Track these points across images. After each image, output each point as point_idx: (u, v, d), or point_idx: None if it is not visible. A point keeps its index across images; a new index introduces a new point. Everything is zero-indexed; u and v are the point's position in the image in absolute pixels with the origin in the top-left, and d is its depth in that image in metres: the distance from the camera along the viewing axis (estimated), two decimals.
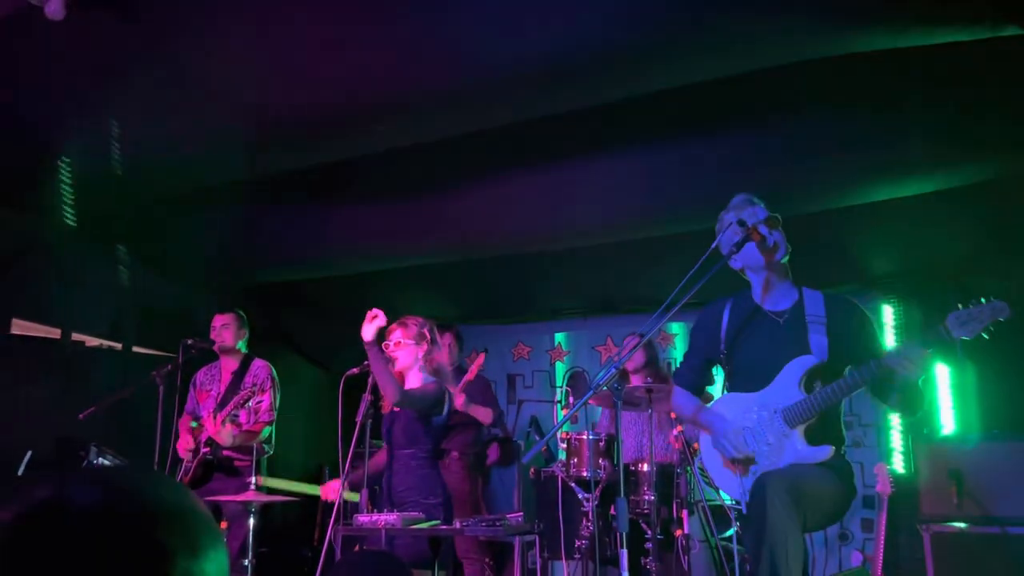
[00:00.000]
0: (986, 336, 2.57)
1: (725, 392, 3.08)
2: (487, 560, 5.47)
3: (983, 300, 2.56)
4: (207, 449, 4.69)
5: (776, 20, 3.00)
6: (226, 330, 4.96)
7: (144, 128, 4.20)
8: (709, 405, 3.12)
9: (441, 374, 4.09)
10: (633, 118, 4.35)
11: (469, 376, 5.61)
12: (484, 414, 5.67)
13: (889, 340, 6.03)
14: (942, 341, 2.60)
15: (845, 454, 2.97)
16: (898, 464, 5.88)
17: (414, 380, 4.08)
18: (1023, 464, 4.78)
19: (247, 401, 4.63)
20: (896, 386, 2.75)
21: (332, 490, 4.14)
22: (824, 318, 2.87)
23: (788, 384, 2.84)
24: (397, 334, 4.10)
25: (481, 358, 5.77)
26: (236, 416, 4.69)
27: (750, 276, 3.05)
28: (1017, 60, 3.35)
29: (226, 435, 4.61)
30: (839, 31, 3.02)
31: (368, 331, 3.77)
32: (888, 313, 6.13)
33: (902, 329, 6.07)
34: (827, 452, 2.78)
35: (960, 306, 2.58)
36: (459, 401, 5.29)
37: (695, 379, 3.22)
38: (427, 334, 4.13)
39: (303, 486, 4.74)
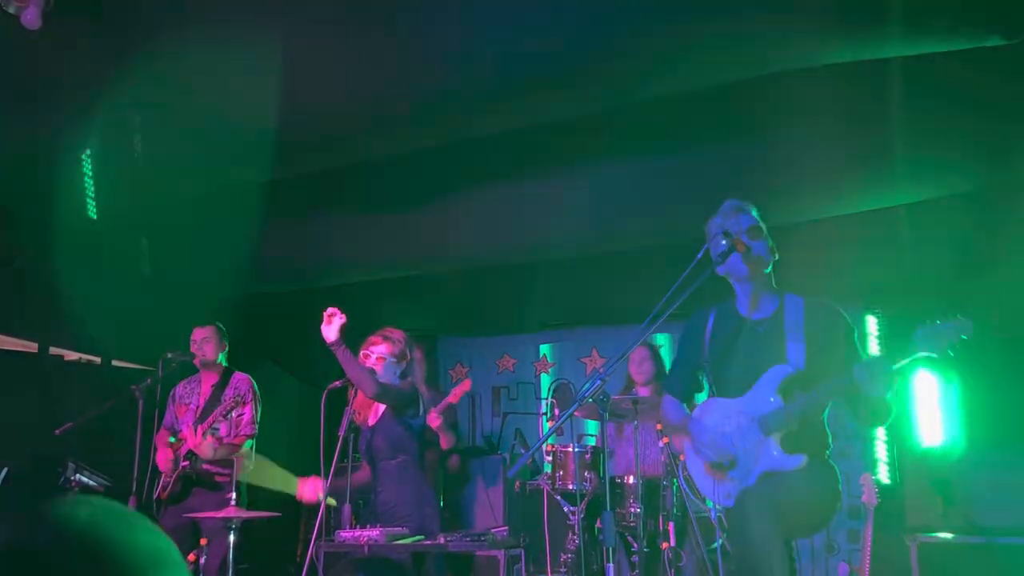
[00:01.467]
0: (951, 353, 2.56)
1: (709, 397, 3.09)
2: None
3: (950, 317, 2.56)
4: (186, 463, 4.62)
5: (758, 30, 3.00)
6: (207, 344, 4.90)
7: (124, 140, 4.15)
8: (692, 410, 3.13)
9: (415, 386, 4.07)
10: (615, 129, 4.35)
11: (452, 399, 5.56)
12: (448, 440, 5.65)
13: (873, 349, 6.04)
14: (909, 356, 2.60)
15: (829, 458, 2.93)
16: (883, 475, 5.87)
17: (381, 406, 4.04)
18: (1008, 474, 4.80)
19: (229, 413, 4.57)
20: (863, 399, 2.75)
21: (310, 489, 4.06)
22: (803, 326, 2.87)
23: (765, 392, 2.85)
24: (381, 348, 4.05)
25: (467, 384, 5.73)
26: (216, 429, 4.62)
27: (734, 284, 3.06)
28: (1001, 70, 3.36)
29: (207, 447, 4.54)
30: (821, 41, 3.03)
31: (330, 332, 3.71)
32: (872, 323, 6.15)
33: (886, 339, 6.08)
34: (800, 461, 2.77)
35: (935, 321, 2.58)
36: (435, 423, 5.25)
37: (683, 386, 3.24)
38: (408, 352, 4.10)
39: (281, 479, 4.57)
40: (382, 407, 4.03)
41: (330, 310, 3.74)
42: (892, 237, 5.24)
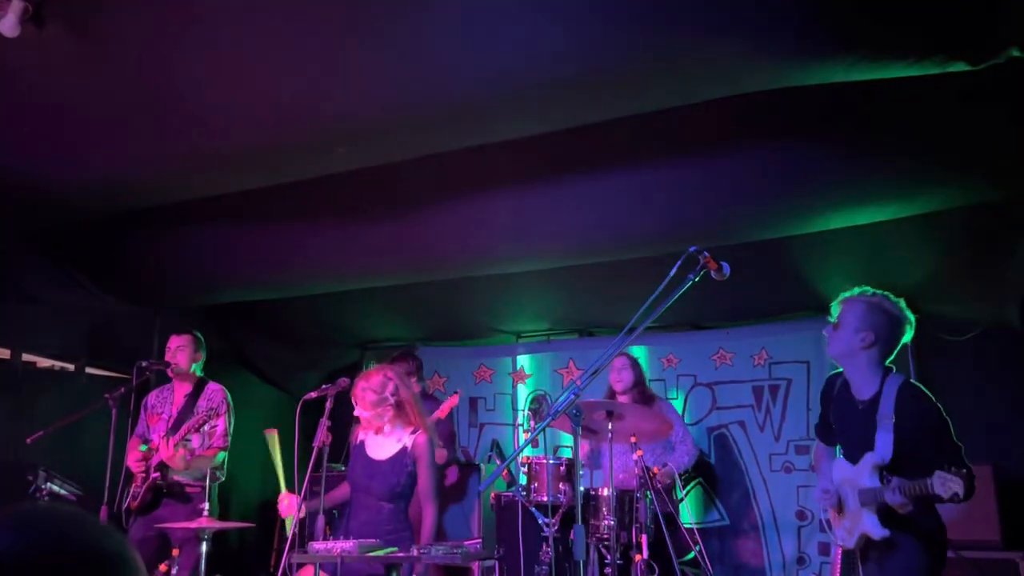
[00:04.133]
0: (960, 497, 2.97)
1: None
2: None
3: (955, 471, 2.94)
4: (157, 474, 4.59)
5: (734, 52, 3.05)
6: (181, 352, 4.87)
7: (99, 146, 4.14)
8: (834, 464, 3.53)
9: (421, 429, 3.99)
10: (595, 144, 4.39)
11: (440, 415, 5.59)
12: (440, 455, 5.66)
13: None
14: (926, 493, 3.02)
15: (926, 525, 3.24)
16: None
17: (392, 435, 4.00)
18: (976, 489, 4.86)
19: (202, 425, 4.55)
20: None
21: (286, 507, 4.03)
22: (893, 417, 3.20)
23: (864, 471, 3.25)
24: (360, 388, 3.98)
25: (455, 399, 5.77)
26: (188, 441, 4.60)
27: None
28: (971, 93, 3.44)
29: (179, 460, 4.52)
30: (792, 64, 3.08)
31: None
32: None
33: None
34: (885, 534, 3.17)
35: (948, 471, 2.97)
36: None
37: (824, 435, 3.68)
38: (390, 397, 3.97)
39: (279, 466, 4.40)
40: (392, 446, 3.99)
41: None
42: (865, 254, 5.32)
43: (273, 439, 4.18)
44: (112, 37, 3.32)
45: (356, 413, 3.97)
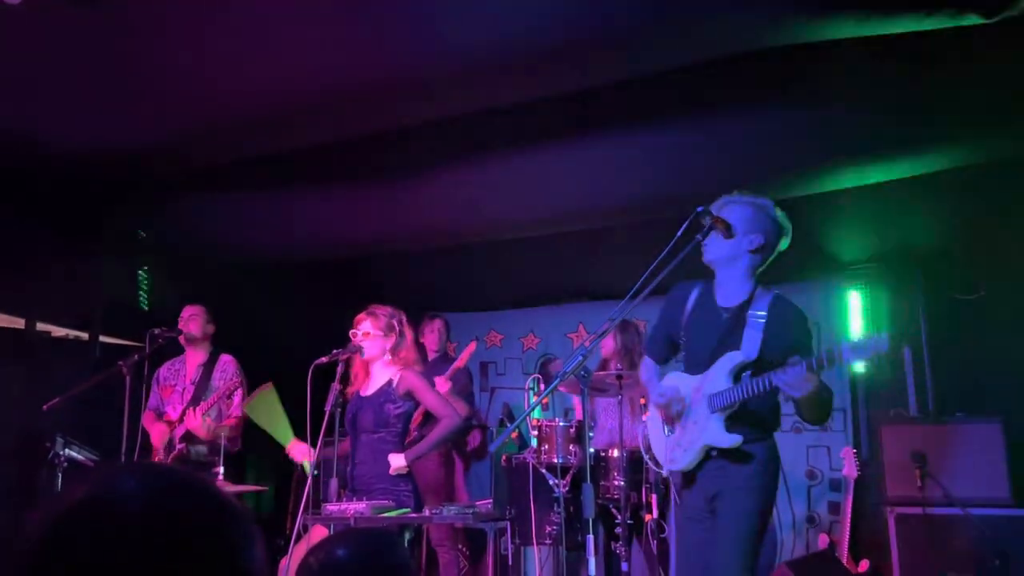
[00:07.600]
0: (872, 364, 2.74)
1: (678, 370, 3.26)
2: (461, 548, 5.48)
3: (875, 333, 2.70)
4: (183, 446, 4.64)
5: (740, 9, 3.01)
6: (193, 321, 4.92)
7: (106, 115, 4.14)
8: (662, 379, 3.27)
9: (410, 366, 4.08)
10: (603, 107, 4.36)
11: (459, 364, 5.63)
12: (460, 407, 5.68)
13: (857, 325, 6.08)
14: (831, 362, 2.70)
15: (771, 438, 3.06)
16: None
17: (381, 372, 4.06)
18: (982, 445, 4.88)
19: (231, 393, 4.62)
20: (796, 399, 2.88)
21: (299, 452, 4.16)
22: (764, 317, 3.00)
23: (719, 374, 3.01)
24: (366, 324, 4.07)
25: (472, 346, 5.81)
26: (219, 408, 4.69)
27: (715, 270, 3.19)
28: (982, 48, 3.39)
29: (206, 428, 4.57)
30: (802, 20, 3.04)
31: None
32: (856, 299, 6.19)
33: (869, 314, 6.13)
34: (736, 440, 2.93)
35: (861, 337, 2.73)
36: (444, 388, 5.29)
37: (658, 351, 3.39)
38: (396, 325, 4.11)
39: (281, 428, 4.50)
40: (379, 380, 4.05)
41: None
42: (875, 214, 5.30)
43: (271, 393, 4.31)
44: (113, 4, 3.31)
45: (357, 341, 4.01)
